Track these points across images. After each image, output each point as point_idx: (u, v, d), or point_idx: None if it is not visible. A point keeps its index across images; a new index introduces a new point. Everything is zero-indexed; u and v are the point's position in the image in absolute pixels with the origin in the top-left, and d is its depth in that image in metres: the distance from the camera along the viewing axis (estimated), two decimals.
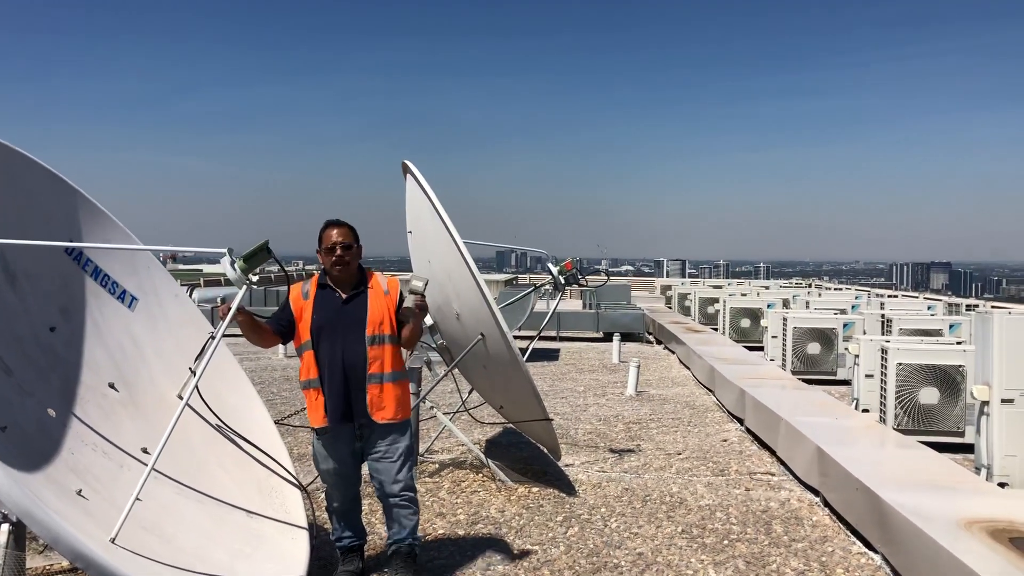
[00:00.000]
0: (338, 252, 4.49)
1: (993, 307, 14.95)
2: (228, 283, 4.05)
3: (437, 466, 7.18)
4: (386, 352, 4.50)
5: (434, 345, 6.84)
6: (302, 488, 4.71)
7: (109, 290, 4.83)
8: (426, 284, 4.51)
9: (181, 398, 4.26)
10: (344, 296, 4.54)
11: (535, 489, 6.54)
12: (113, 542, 3.38)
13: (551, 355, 15.65)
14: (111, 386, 4.53)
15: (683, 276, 76.20)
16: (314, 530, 4.65)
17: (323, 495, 6.12)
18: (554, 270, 7.44)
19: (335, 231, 4.55)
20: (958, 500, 5.20)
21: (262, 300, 19.43)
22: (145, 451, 4.26)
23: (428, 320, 6.81)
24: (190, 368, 4.45)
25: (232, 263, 3.90)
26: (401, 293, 4.57)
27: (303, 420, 8.68)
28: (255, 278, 3.99)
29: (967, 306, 15.70)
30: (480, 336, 6.17)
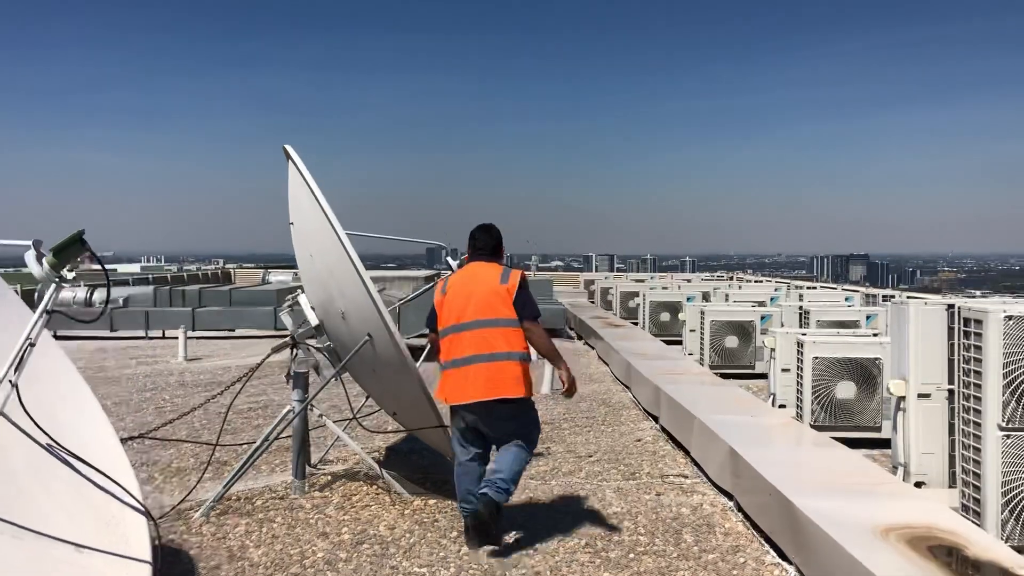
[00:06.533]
0: None
1: (908, 297, 14.98)
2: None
3: (329, 478, 6.62)
4: None
5: (320, 347, 6.27)
6: (147, 514, 4.12)
7: None
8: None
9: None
10: None
11: (432, 501, 6.03)
12: None
13: None
14: None
15: (611, 270, 76.38)
16: (159, 562, 4.04)
17: (174, 522, 5.50)
18: (454, 264, 6.95)
19: None
20: (874, 505, 4.87)
21: (154, 300, 18.39)
22: None
23: (314, 320, 6.25)
24: (10, 381, 3.85)
25: (39, 258, 3.30)
26: None
27: (189, 433, 7.69)
28: (70, 275, 3.39)
29: (883, 296, 15.66)
30: (367, 337, 5.65)
